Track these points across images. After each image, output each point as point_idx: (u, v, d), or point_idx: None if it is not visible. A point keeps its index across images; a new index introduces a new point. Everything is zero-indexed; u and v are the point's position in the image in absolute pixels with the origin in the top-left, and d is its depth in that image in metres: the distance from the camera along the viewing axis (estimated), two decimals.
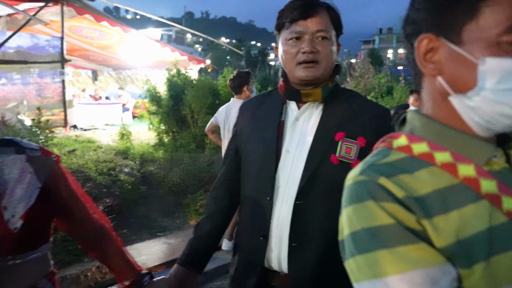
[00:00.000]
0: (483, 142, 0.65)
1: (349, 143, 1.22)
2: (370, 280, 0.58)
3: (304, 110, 1.30)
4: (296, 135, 1.28)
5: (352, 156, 1.22)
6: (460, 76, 0.63)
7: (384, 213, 0.59)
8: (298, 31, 1.23)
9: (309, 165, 1.23)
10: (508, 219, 0.60)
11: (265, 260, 1.27)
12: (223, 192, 1.47)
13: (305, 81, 1.25)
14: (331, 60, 1.27)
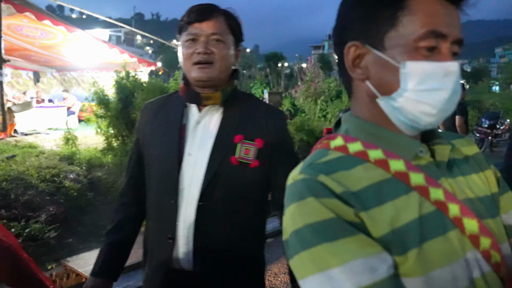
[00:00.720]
0: (410, 139, 0.71)
1: (248, 144, 1.30)
2: (314, 275, 0.60)
3: (205, 113, 1.34)
4: (198, 138, 1.32)
5: (250, 157, 1.29)
6: (385, 80, 0.68)
7: (324, 209, 0.61)
8: (194, 33, 1.27)
9: (210, 167, 1.27)
10: (436, 208, 0.65)
11: (174, 261, 1.30)
12: (131, 198, 1.46)
13: (200, 82, 1.30)
14: (227, 63, 1.32)
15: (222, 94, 1.31)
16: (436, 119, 0.68)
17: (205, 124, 1.33)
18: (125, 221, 1.44)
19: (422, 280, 0.61)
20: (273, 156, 1.35)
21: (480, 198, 0.72)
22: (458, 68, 0.67)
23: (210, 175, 1.27)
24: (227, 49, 1.31)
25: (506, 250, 0.70)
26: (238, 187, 1.30)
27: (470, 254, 0.65)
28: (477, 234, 0.65)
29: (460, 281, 0.63)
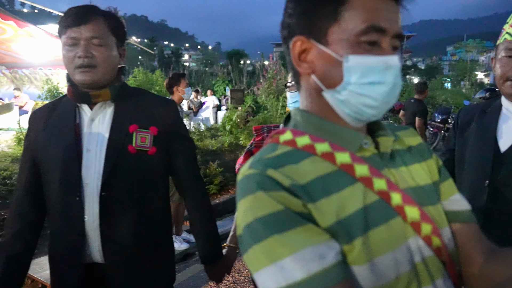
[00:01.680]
0: (355, 132, 0.74)
1: (143, 133, 1.38)
2: (267, 267, 0.61)
3: (98, 110, 1.39)
4: (94, 134, 1.37)
5: (147, 144, 1.38)
6: (330, 73, 0.71)
7: (273, 201, 0.63)
8: (73, 37, 1.29)
9: (109, 158, 1.33)
10: (379, 197, 0.69)
11: (86, 256, 1.34)
12: (28, 207, 1.43)
13: (85, 84, 1.33)
14: (111, 65, 1.36)
15: (111, 90, 1.37)
16: (378, 111, 0.71)
17: (100, 120, 1.38)
18: (24, 231, 1.41)
19: (367, 267, 0.64)
20: (170, 141, 1.46)
21: (422, 187, 0.76)
22: (398, 62, 0.70)
23: (109, 166, 1.32)
24: (109, 51, 1.33)
25: (446, 235, 0.75)
26: (139, 175, 1.38)
27: (412, 240, 0.69)
28: (418, 221, 0.69)
29: (402, 266, 0.66)
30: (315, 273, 0.58)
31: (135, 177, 1.37)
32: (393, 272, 0.65)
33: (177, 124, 1.51)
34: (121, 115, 1.39)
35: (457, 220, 0.79)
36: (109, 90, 1.36)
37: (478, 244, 0.77)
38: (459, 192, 0.83)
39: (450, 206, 0.80)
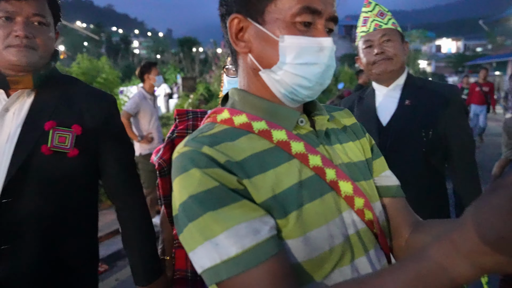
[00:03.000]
0: (291, 110, 0.75)
1: (62, 131, 1.18)
2: (202, 244, 0.61)
3: (15, 99, 1.19)
4: (7, 127, 1.16)
5: (67, 145, 1.18)
6: (266, 53, 0.71)
7: (208, 178, 0.63)
8: (10, 11, 1.12)
9: (16, 158, 1.13)
10: (314, 173, 0.71)
11: None
12: None
13: (18, 67, 1.15)
14: (50, 48, 1.22)
15: (34, 78, 1.17)
16: (312, 92, 0.73)
17: (15, 112, 1.18)
18: None
19: (301, 240, 0.65)
20: (99, 143, 1.26)
21: (355, 163, 0.80)
22: (332, 44, 0.72)
23: (15, 168, 1.12)
24: (49, 32, 1.20)
25: (378, 208, 0.79)
26: (54, 180, 1.18)
27: (345, 213, 0.72)
28: (351, 195, 0.73)
29: (336, 238, 0.69)
30: (249, 248, 0.59)
31: (49, 182, 1.16)
32: (327, 244, 0.68)
33: (110, 122, 1.29)
34: (39, 108, 1.18)
35: (387, 195, 0.83)
36: (32, 76, 1.16)
37: (406, 218, 0.82)
38: (389, 169, 0.88)
39: (381, 182, 0.84)
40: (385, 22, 1.61)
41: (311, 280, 0.66)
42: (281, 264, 0.60)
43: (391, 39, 1.59)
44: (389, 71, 1.60)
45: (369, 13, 1.64)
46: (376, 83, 1.70)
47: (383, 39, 1.59)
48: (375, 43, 1.61)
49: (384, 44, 1.59)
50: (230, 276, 0.59)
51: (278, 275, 0.59)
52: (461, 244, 0.44)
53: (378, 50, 1.59)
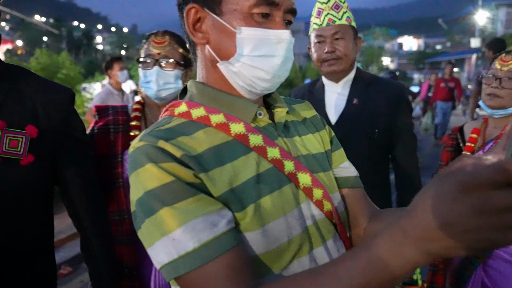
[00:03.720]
0: (249, 103, 0.75)
1: (14, 134, 0.99)
2: (159, 240, 0.60)
3: None
4: None
5: (20, 150, 1.00)
6: (223, 44, 0.71)
7: (163, 173, 0.62)
8: None
9: None
10: (272, 165, 0.71)
11: None
12: None
13: None
14: None
15: None
16: (271, 84, 0.73)
17: None
18: None
19: (260, 232, 0.65)
20: (58, 146, 1.10)
21: (314, 155, 0.81)
22: (290, 36, 0.72)
23: None
24: None
25: (337, 199, 0.80)
26: (3, 191, 1.01)
27: (304, 205, 0.73)
28: (310, 186, 0.73)
29: (294, 229, 0.69)
30: (206, 242, 0.59)
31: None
32: (286, 235, 0.68)
33: (70, 121, 1.13)
34: None
35: (346, 186, 0.85)
36: None
37: (363, 208, 0.84)
38: (348, 161, 0.90)
39: (340, 173, 0.86)
40: (339, 17, 1.59)
41: (270, 271, 0.67)
42: (239, 257, 0.60)
43: (343, 37, 1.58)
44: (338, 71, 1.61)
45: (324, 5, 1.61)
46: (326, 79, 1.71)
47: (335, 37, 1.58)
48: (326, 39, 1.59)
49: (335, 43, 1.58)
50: (188, 271, 0.58)
51: (236, 268, 0.59)
52: (409, 231, 0.45)
53: (329, 49, 1.57)
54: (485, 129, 1.62)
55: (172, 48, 1.40)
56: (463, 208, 0.40)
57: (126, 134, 1.40)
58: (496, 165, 0.39)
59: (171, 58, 1.39)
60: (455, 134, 1.74)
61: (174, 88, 1.40)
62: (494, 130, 1.59)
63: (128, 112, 1.46)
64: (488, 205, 0.39)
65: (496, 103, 1.50)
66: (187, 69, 1.46)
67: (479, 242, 0.41)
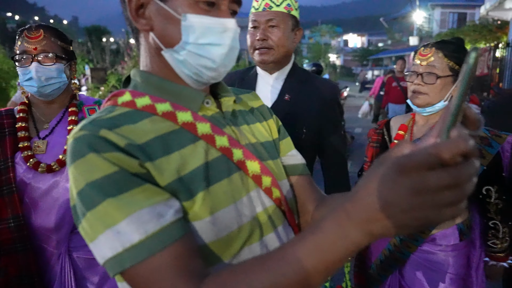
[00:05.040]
0: (196, 91, 0.74)
1: None
2: (103, 233, 0.58)
3: None
4: None
5: None
6: (168, 32, 0.69)
7: (106, 163, 0.59)
8: None
9: None
10: (221, 153, 0.71)
11: None
12: None
13: None
14: None
15: None
16: (217, 73, 0.72)
17: None
18: None
19: (209, 220, 0.65)
20: None
21: (262, 143, 0.81)
22: (236, 25, 0.72)
23: None
24: None
25: (285, 186, 0.82)
26: None
27: (253, 192, 0.73)
28: (259, 174, 0.74)
29: (244, 217, 0.70)
30: (153, 233, 0.57)
31: None
32: (235, 223, 0.68)
33: None
34: None
35: (294, 173, 0.86)
36: None
37: (311, 194, 0.86)
38: (295, 149, 0.91)
39: (288, 161, 0.87)
40: (277, 3, 1.46)
41: (220, 259, 0.67)
42: (187, 247, 0.60)
43: (278, 25, 1.46)
44: (269, 62, 1.50)
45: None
46: (260, 68, 1.60)
47: (269, 24, 1.46)
48: (260, 26, 1.48)
49: (268, 30, 1.46)
50: (133, 264, 0.56)
51: (185, 258, 0.58)
52: (352, 213, 0.48)
53: (260, 36, 1.46)
54: (413, 126, 1.58)
55: (49, 41, 1.35)
56: (401, 189, 0.42)
57: (14, 137, 1.36)
58: (430, 148, 0.41)
59: (49, 52, 1.34)
60: (381, 129, 1.67)
61: (59, 82, 1.37)
62: (423, 128, 1.53)
63: (14, 114, 1.41)
64: (424, 185, 0.41)
65: (421, 101, 1.45)
66: (71, 61, 1.43)
67: (417, 221, 0.43)
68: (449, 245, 1.50)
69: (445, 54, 1.43)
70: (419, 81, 1.45)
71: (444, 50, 1.43)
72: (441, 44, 1.46)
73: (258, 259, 0.56)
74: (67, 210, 1.35)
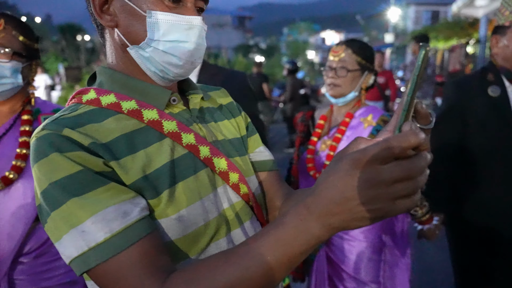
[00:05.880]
0: (162, 89, 0.74)
1: None
2: (67, 233, 0.58)
3: None
4: None
5: None
6: (133, 28, 0.69)
7: (70, 163, 0.59)
8: None
9: None
10: (188, 151, 0.71)
11: None
12: None
13: None
14: None
15: None
16: (183, 70, 0.73)
17: None
18: None
19: (175, 217, 0.66)
20: None
21: (230, 140, 0.82)
22: (202, 22, 0.72)
23: None
24: None
25: (253, 182, 0.83)
26: None
27: (220, 189, 0.74)
28: (226, 170, 0.75)
29: (210, 213, 0.71)
30: (118, 231, 0.57)
31: None
32: (202, 219, 0.69)
33: None
34: None
35: (262, 169, 0.88)
36: None
37: (279, 190, 0.88)
38: (263, 145, 0.93)
39: (256, 157, 0.88)
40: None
41: (187, 256, 0.67)
42: (153, 244, 0.60)
43: None
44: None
45: None
46: None
47: None
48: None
49: None
50: (99, 263, 0.57)
51: (151, 255, 0.59)
52: (313, 207, 0.49)
53: None
54: (331, 116, 1.74)
55: (9, 34, 1.16)
56: (356, 183, 0.44)
57: None
58: (383, 142, 0.43)
59: (7, 47, 1.15)
60: (307, 120, 1.83)
61: (12, 84, 1.16)
62: (338, 117, 1.70)
63: None
64: (377, 178, 0.43)
65: (336, 92, 1.61)
66: (32, 61, 1.24)
67: (374, 213, 0.45)
68: None
69: (354, 51, 1.61)
70: (333, 75, 1.61)
71: (353, 47, 1.61)
72: (350, 42, 1.64)
73: (222, 254, 0.57)
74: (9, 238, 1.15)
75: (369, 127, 1.60)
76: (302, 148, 1.76)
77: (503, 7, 1.70)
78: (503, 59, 1.70)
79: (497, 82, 1.72)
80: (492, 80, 1.74)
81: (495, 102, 1.69)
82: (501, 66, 1.73)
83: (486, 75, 1.76)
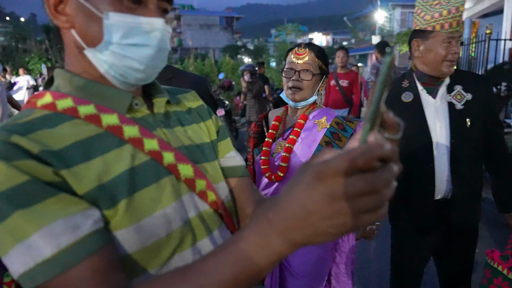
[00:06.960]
0: (123, 93, 0.69)
1: None
2: (14, 248, 0.54)
3: None
4: None
5: None
6: (89, 30, 0.64)
7: (17, 172, 0.55)
8: None
9: None
10: (150, 157, 0.67)
11: None
12: None
13: None
14: None
15: None
16: (145, 75, 0.69)
17: None
18: None
19: (133, 229, 0.62)
20: None
21: (198, 145, 0.78)
22: (164, 25, 0.68)
23: None
24: None
25: (222, 189, 0.79)
26: None
27: (186, 197, 0.70)
28: (192, 177, 0.71)
29: (174, 223, 0.66)
30: (66, 247, 0.53)
31: None
32: (164, 230, 0.65)
33: None
34: None
35: (233, 175, 0.84)
36: None
37: (249, 196, 0.84)
38: (235, 150, 0.89)
39: (226, 163, 0.85)
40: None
41: (147, 268, 0.63)
42: (107, 259, 0.56)
43: None
44: None
45: None
46: None
47: None
48: None
49: None
50: (46, 280, 0.52)
51: (103, 271, 0.55)
52: (274, 221, 0.45)
53: None
54: (285, 117, 1.72)
55: None
56: (319, 196, 0.41)
57: None
58: (346, 154, 0.40)
59: None
60: (261, 122, 1.81)
61: None
62: (293, 118, 1.69)
63: None
64: (340, 192, 0.40)
65: (299, 96, 1.59)
66: None
67: (337, 228, 0.42)
68: None
69: (316, 55, 1.60)
70: (297, 77, 1.59)
71: (315, 51, 1.61)
72: (312, 45, 1.64)
73: (179, 271, 0.53)
74: None
75: (323, 129, 1.59)
76: (257, 150, 1.74)
77: (422, 11, 1.74)
78: (423, 63, 1.73)
79: (411, 87, 1.77)
80: (406, 86, 1.79)
81: (408, 107, 1.74)
82: (418, 70, 1.76)
83: (402, 82, 1.81)
